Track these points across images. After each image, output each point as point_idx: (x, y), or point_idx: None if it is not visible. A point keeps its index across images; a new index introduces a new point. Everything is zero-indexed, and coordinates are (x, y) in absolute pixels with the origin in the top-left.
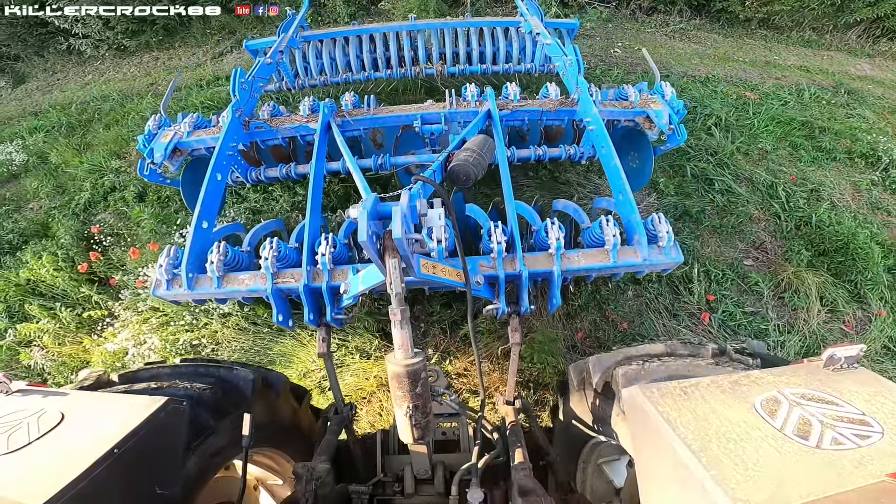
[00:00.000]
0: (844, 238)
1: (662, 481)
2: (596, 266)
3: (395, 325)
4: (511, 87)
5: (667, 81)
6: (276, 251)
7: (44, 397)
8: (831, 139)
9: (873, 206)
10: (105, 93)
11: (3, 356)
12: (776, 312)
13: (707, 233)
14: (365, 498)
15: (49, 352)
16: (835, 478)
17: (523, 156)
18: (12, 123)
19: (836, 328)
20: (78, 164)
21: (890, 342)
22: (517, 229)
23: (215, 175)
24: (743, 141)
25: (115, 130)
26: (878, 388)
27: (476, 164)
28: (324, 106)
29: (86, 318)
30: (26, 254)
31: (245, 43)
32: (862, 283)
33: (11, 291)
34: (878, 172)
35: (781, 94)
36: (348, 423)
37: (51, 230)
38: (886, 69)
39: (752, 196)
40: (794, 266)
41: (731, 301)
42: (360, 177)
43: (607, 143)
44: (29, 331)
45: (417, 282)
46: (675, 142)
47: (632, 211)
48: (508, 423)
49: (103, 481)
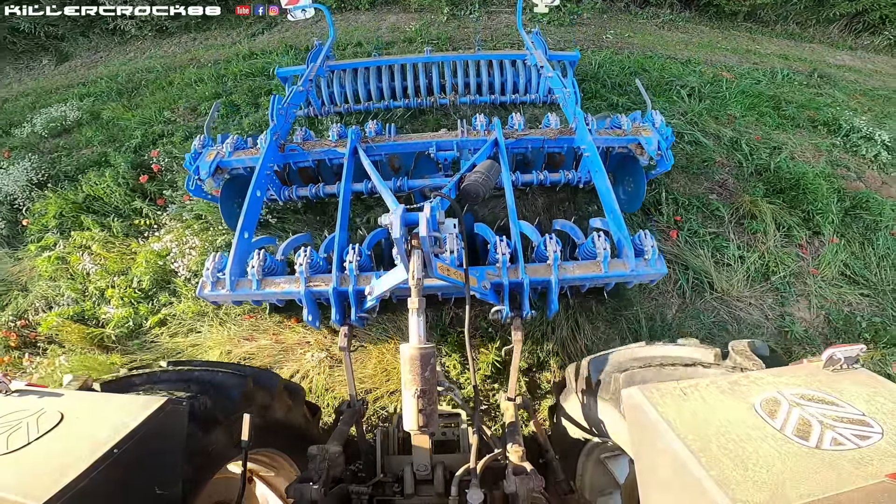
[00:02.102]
0: (797, 177)
1: (662, 482)
2: (589, 276)
3: (413, 314)
4: (516, 117)
5: (657, 110)
6: (309, 259)
7: (43, 397)
8: (796, 110)
9: (832, 163)
10: (149, 66)
11: (52, 265)
12: (736, 235)
13: (676, 171)
14: (364, 498)
15: (97, 255)
16: (834, 478)
17: (527, 180)
18: (60, 92)
19: (792, 252)
20: (129, 118)
21: (845, 267)
22: (520, 243)
23: (255, 192)
24: (713, 106)
25: (162, 94)
26: (878, 388)
27: (484, 184)
28: (351, 132)
29: (134, 226)
30: (89, 176)
31: (276, 70)
32: (813, 212)
33: (68, 208)
34: (840, 138)
35: (756, 74)
36: (359, 417)
37: (107, 161)
38: (866, 60)
39: (718, 148)
40: (751, 197)
41: (696, 223)
42: (388, 193)
43: (600, 169)
44: (82, 238)
45: (432, 287)
46: (663, 167)
47: (621, 228)
48: (508, 420)
49: (103, 481)
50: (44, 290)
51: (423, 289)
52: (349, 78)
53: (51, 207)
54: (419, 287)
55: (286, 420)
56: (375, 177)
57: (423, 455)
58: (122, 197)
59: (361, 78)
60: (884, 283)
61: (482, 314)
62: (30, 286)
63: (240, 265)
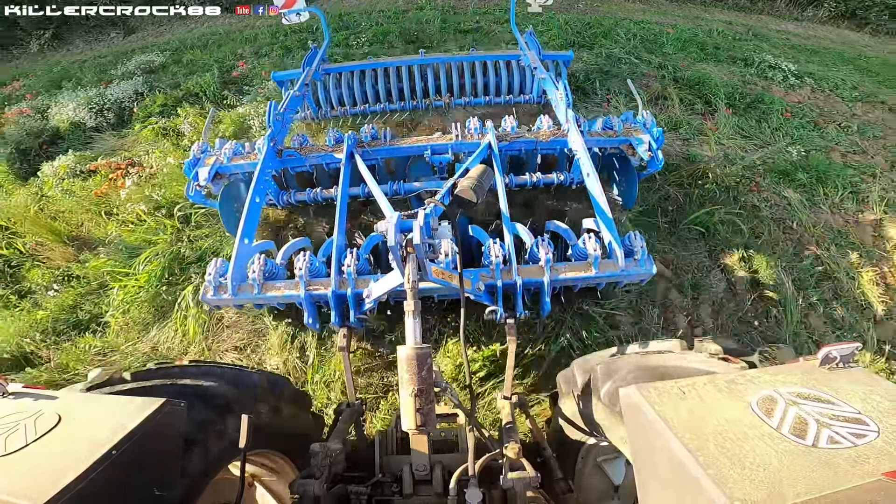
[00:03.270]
0: (703, 77)
1: (660, 480)
2: (580, 277)
3: (409, 315)
4: (509, 119)
5: (648, 111)
6: (308, 263)
7: (39, 399)
8: (722, 52)
9: (743, 82)
10: (213, 31)
11: (153, 133)
12: (654, 111)
13: (610, 78)
14: (364, 498)
15: (193, 120)
16: (831, 477)
17: (521, 182)
18: (137, 53)
19: (696, 120)
20: (206, 58)
21: (740, 129)
22: (513, 246)
23: (254, 198)
24: (651, 46)
25: (228, 46)
26: (873, 386)
27: (477, 189)
28: (348, 138)
29: (223, 104)
30: (189, 81)
31: (273, 74)
32: (710, 96)
33: (170, 101)
34: (754, 68)
35: (695, 31)
36: (358, 416)
37: (202, 72)
38: (808, 28)
39: (648, 67)
40: (663, 85)
41: (622, 103)
42: (384, 199)
43: (592, 171)
44: (185, 113)
45: (427, 289)
46: (654, 167)
47: (611, 229)
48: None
49: (102, 483)
50: (146, 145)
51: (419, 291)
52: (345, 81)
53: (158, 99)
54: (415, 290)
55: (293, 424)
56: (371, 182)
57: (421, 455)
58: (215, 88)
59: (357, 81)
60: (775, 141)
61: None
62: (130, 149)
63: (241, 270)
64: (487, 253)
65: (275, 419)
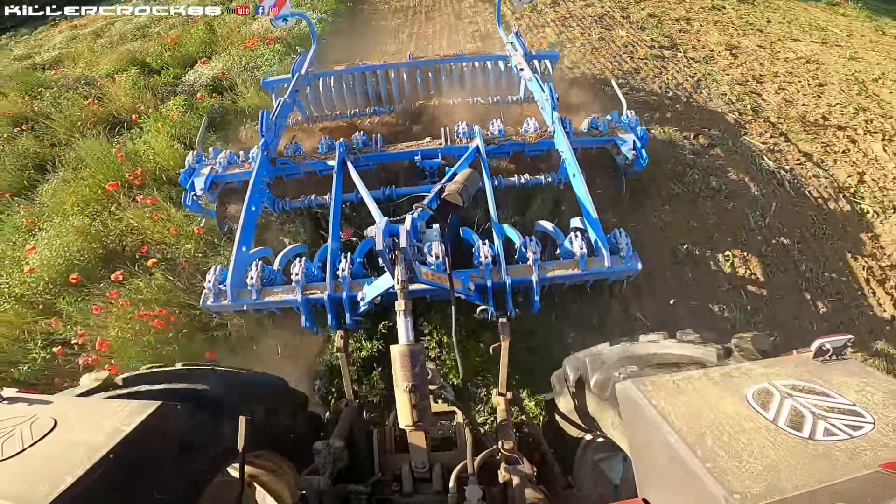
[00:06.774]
0: None
1: (658, 475)
2: (568, 275)
3: (400, 315)
4: (496, 122)
5: (632, 111)
6: (304, 268)
7: (34, 404)
8: None
9: None
10: None
11: None
12: None
13: None
14: (363, 498)
15: None
16: (828, 468)
17: (509, 183)
18: None
19: None
20: None
21: None
22: (502, 246)
23: (250, 207)
24: None
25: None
26: (868, 378)
27: (463, 193)
28: (339, 145)
29: None
30: None
31: (262, 81)
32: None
33: None
34: None
35: None
36: (357, 415)
37: None
38: None
39: None
40: None
41: None
42: (373, 205)
43: (577, 171)
44: None
45: (419, 290)
46: (640, 166)
47: (596, 228)
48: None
49: (100, 487)
50: None
51: (412, 292)
52: (334, 85)
53: None
54: (405, 291)
55: (290, 424)
56: (362, 188)
57: (420, 453)
58: None
59: (345, 85)
60: None
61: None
62: None
63: (239, 277)
64: (477, 254)
65: (272, 420)
